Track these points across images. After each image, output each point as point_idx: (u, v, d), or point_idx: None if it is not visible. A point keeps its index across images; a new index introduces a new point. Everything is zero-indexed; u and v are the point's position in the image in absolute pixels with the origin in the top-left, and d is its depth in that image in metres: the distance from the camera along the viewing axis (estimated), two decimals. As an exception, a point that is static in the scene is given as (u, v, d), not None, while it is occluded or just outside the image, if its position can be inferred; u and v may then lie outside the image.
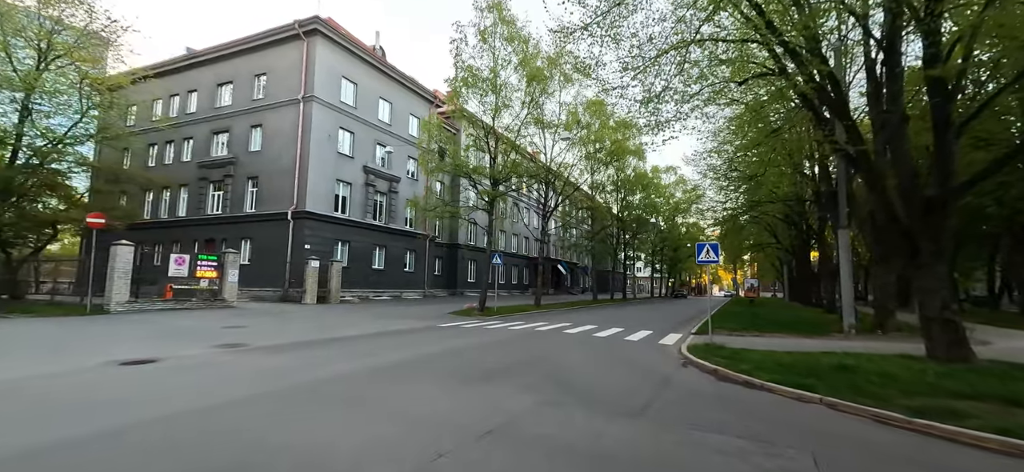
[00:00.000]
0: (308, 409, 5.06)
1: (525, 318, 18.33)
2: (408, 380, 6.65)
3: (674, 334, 13.99)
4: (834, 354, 9.67)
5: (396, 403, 5.43)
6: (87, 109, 22.47)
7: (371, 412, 5.03)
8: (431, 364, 7.98)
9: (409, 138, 30.52)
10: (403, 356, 8.74)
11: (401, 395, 5.81)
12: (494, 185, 20.87)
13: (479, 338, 11.94)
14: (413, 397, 5.74)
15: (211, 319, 14.15)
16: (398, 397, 5.71)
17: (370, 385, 6.29)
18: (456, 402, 5.56)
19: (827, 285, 26.28)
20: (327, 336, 11.40)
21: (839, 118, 8.80)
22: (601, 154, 34.54)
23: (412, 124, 31.30)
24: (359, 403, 5.40)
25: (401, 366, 7.70)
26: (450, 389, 6.17)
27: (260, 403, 5.28)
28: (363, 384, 6.35)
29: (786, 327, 15.45)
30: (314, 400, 5.45)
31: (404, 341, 10.97)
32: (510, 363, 8.29)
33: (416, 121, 30.82)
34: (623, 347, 11.04)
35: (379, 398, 5.60)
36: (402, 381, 6.58)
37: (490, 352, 9.63)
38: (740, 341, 12.00)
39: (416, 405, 5.38)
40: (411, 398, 5.69)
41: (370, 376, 6.85)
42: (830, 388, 6.61)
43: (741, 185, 23.79)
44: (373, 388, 6.12)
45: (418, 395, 5.84)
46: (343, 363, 7.85)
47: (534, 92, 21.34)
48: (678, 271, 74.43)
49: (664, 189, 50.64)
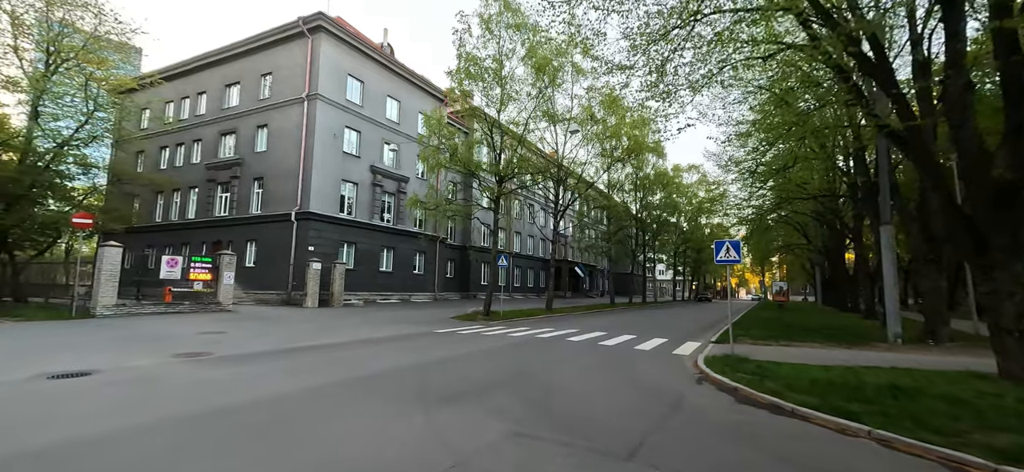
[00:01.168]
0: (209, 444, 4.03)
1: (531, 323, 17.15)
2: (361, 401, 5.59)
3: (691, 343, 12.59)
4: (880, 370, 8.20)
5: (326, 435, 4.36)
6: (93, 112, 22.41)
7: (284, 451, 3.97)
8: (401, 379, 6.91)
9: (428, 143, 29.65)
10: (374, 368, 7.70)
11: (339, 424, 4.74)
12: (499, 182, 19.77)
13: (473, 346, 10.84)
14: (351, 427, 4.66)
15: (195, 324, 13.45)
16: (334, 427, 4.64)
17: (310, 408, 5.24)
18: (402, 433, 4.46)
19: (865, 289, 24.25)
20: (307, 343, 10.48)
21: (884, 89, 7.38)
22: (618, 152, 33.12)
23: (421, 123, 30.47)
24: (279, 437, 4.34)
25: (363, 382, 6.64)
26: (404, 414, 5.07)
27: (161, 433, 4.29)
28: (303, 407, 5.30)
29: (819, 335, 13.85)
30: (229, 430, 4.44)
31: (387, 350, 9.95)
32: (493, 378, 7.15)
33: (437, 128, 30.03)
34: (630, 358, 9.76)
35: (308, 429, 4.54)
36: (352, 403, 5.52)
37: (477, 364, 8.51)
38: (767, 352, 10.56)
39: (348, 439, 4.30)
40: (349, 428, 4.61)
41: (317, 396, 5.81)
42: (881, 417, 5.26)
43: (767, 180, 22.05)
44: (310, 413, 5.06)
45: (359, 424, 4.76)
46: (299, 378, 6.85)
47: (542, 84, 20.18)
48: (702, 274, 71.85)
49: (686, 188, 48.68)
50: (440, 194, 21.42)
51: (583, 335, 13.48)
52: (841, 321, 20.65)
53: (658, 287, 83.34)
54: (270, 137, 25.64)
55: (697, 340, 13.17)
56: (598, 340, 12.42)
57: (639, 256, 44.93)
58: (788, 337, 13.34)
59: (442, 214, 20.43)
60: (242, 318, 15.50)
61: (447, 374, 7.38)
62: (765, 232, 35.43)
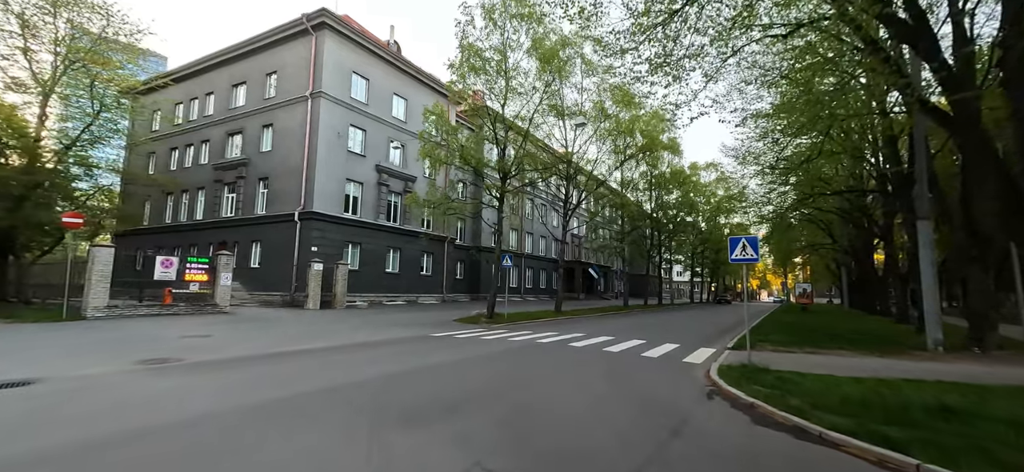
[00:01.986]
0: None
1: (536, 327, 16.28)
2: (306, 421, 4.83)
3: (705, 349, 11.57)
4: (923, 384, 7.13)
5: (236, 470, 3.60)
6: (98, 112, 22.37)
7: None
8: (366, 393, 6.15)
9: (429, 139, 29.05)
10: (342, 379, 6.96)
11: (263, 454, 3.98)
12: (503, 179, 18.96)
13: (466, 352, 10.04)
14: (276, 457, 3.89)
15: (184, 326, 12.96)
16: (254, 458, 3.88)
17: (241, 432, 4.51)
18: (332, 469, 3.68)
19: (896, 290, 22.71)
20: (290, 348, 9.83)
21: (926, 58, 6.34)
22: (631, 149, 31.99)
23: (434, 126, 29.84)
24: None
25: (323, 396, 5.89)
26: (349, 440, 4.29)
27: (37, 465, 3.60)
28: (233, 430, 4.57)
29: (848, 342, 12.65)
30: (123, 460, 3.72)
31: (369, 356, 9.22)
32: (471, 392, 6.34)
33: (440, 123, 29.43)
34: (635, 367, 8.82)
35: (219, 461, 3.79)
36: (294, 424, 4.76)
37: (460, 374, 7.71)
38: (789, 360, 9.50)
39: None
40: (271, 460, 3.84)
41: (259, 415, 5.07)
42: (933, 447, 4.28)
43: (789, 176, 20.77)
44: (238, 438, 4.32)
45: (286, 453, 3.99)
46: (254, 391, 6.16)
47: (548, 77, 19.33)
48: (721, 275, 69.79)
49: (704, 187, 47.12)
50: (442, 191, 20.56)
51: (588, 340, 12.56)
52: (870, 325, 19.24)
53: (676, 289, 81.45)
54: (275, 136, 25.33)
55: (711, 346, 12.13)
56: (603, 346, 11.49)
57: (654, 257, 43.56)
58: (813, 343, 12.19)
59: (444, 212, 19.66)
60: (236, 320, 15.01)
61: (420, 387, 6.58)
62: (787, 231, 33.84)
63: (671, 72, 9.82)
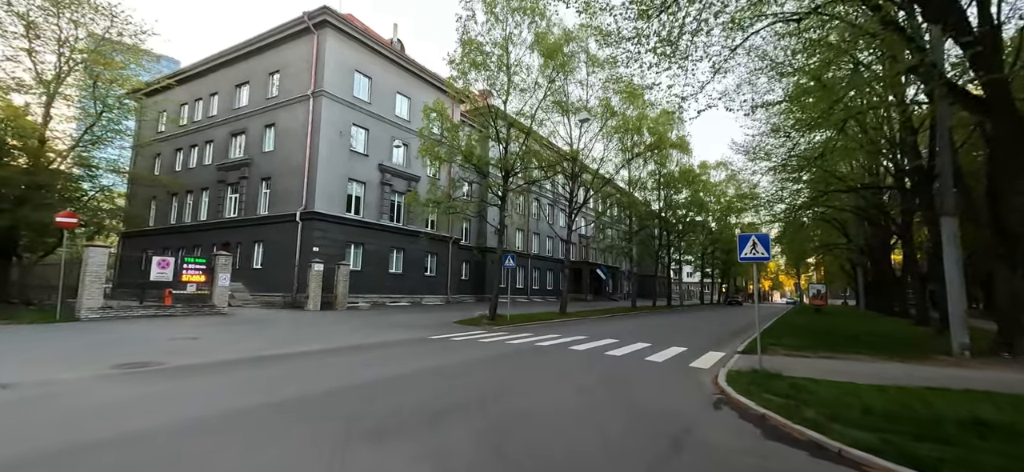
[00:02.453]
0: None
1: (538, 328, 15.81)
2: (266, 435, 4.42)
3: (714, 352, 11.01)
4: (951, 393, 6.55)
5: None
6: (101, 113, 22.35)
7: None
8: (341, 402, 5.74)
9: (429, 136, 28.75)
10: (319, 387, 6.55)
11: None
12: (505, 177, 18.51)
13: (462, 355, 9.61)
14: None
15: (175, 328, 12.69)
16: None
17: (191, 449, 4.11)
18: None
19: (916, 291, 21.88)
20: (279, 351, 9.47)
21: (957, 33, 5.78)
22: (639, 147, 31.36)
23: (436, 124, 29.51)
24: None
25: (294, 406, 5.49)
26: (312, 457, 3.87)
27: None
28: (182, 447, 4.17)
29: (866, 345, 12.01)
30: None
31: (357, 360, 8.83)
32: (456, 401, 5.89)
33: (441, 121, 29.11)
34: (637, 372, 8.32)
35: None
36: (252, 439, 4.35)
37: (453, 379, 7.28)
38: (803, 366, 8.93)
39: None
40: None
41: (213, 429, 4.68)
42: (969, 469, 3.76)
43: (802, 171, 20.05)
44: (184, 457, 3.92)
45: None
46: (223, 399, 5.78)
47: (552, 72, 18.86)
48: (732, 275, 68.64)
49: (714, 186, 46.26)
50: (444, 190, 20.13)
51: (591, 343, 12.06)
52: (888, 328, 18.47)
53: (685, 290, 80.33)
54: (277, 136, 25.16)
55: (720, 350, 11.56)
56: (606, 349, 10.98)
57: (663, 257, 42.80)
58: (828, 347, 11.58)
59: (445, 211, 19.24)
60: (231, 322, 14.72)
61: (405, 394, 6.15)
62: (800, 231, 32.97)
63: (676, 61, 9.32)
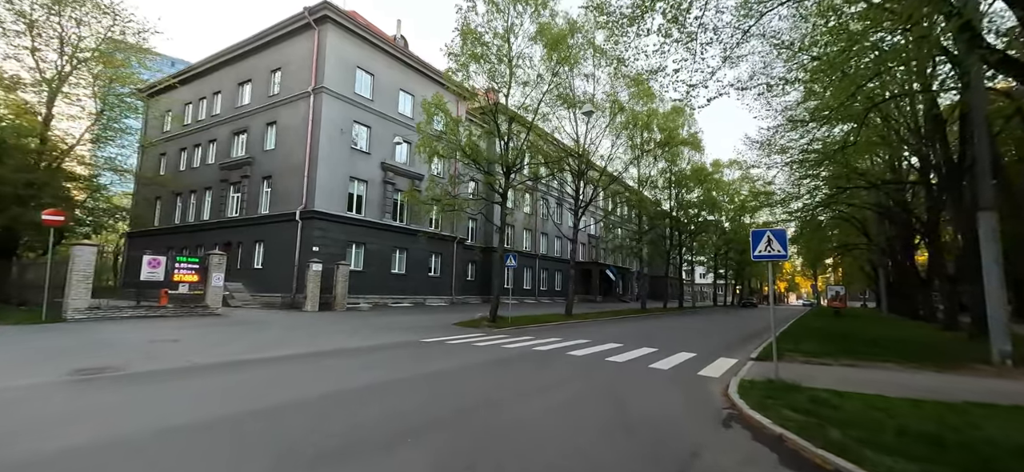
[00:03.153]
0: None
1: (539, 331, 15.08)
2: (196, 461, 3.78)
3: (725, 359, 10.18)
4: (997, 409, 5.72)
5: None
6: (100, 112, 22.20)
7: None
8: (306, 417, 5.09)
9: (433, 133, 28.19)
10: (295, 394, 5.93)
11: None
12: (507, 173, 17.82)
13: (451, 361, 8.95)
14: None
15: (162, 329, 12.23)
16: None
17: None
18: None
19: (942, 293, 20.66)
20: (259, 356, 8.91)
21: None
22: (649, 145, 30.45)
23: (436, 119, 28.95)
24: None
25: (247, 419, 4.87)
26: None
27: None
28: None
29: (893, 352, 11.06)
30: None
31: (342, 365, 8.22)
32: (439, 411, 5.22)
33: (447, 120, 28.54)
34: (639, 381, 7.56)
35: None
36: (180, 466, 3.72)
37: (436, 388, 6.61)
38: (824, 375, 8.09)
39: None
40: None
41: (144, 449, 4.06)
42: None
43: (820, 167, 19.05)
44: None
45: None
46: (173, 412, 5.19)
47: (555, 65, 18.12)
48: (746, 277, 67.02)
49: (727, 185, 45.02)
50: (444, 187, 19.45)
51: (593, 347, 11.31)
52: (914, 332, 17.36)
53: (698, 291, 78.77)
54: (278, 134, 24.81)
55: (732, 355, 10.72)
56: (607, 354, 10.22)
57: (674, 258, 41.72)
58: (851, 353, 10.67)
59: (443, 209, 18.58)
60: (221, 323, 14.24)
61: (374, 407, 5.49)
62: (817, 230, 31.73)
63: (682, 41, 8.56)
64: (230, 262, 25.34)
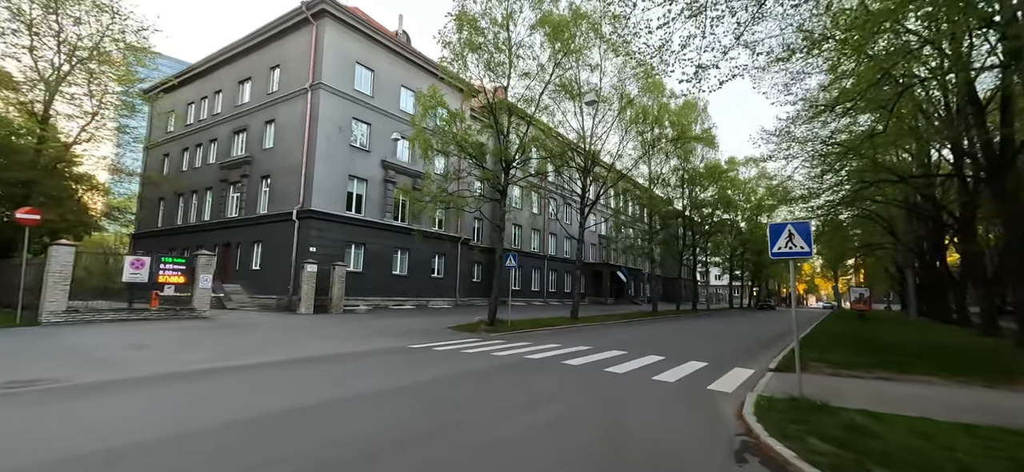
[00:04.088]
0: None
1: (539, 336, 14.11)
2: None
3: (740, 369, 9.11)
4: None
5: None
6: (96, 112, 21.88)
7: None
8: (235, 441, 4.24)
9: (427, 127, 27.39)
10: (241, 413, 5.09)
11: None
12: (506, 169, 16.90)
13: (430, 371, 8.07)
14: None
15: (134, 334, 11.57)
16: None
17: None
18: None
19: (979, 295, 19.14)
20: (227, 364, 8.15)
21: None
22: (661, 141, 29.28)
23: (432, 113, 28.12)
24: None
25: (163, 445, 4.02)
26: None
27: None
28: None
29: (931, 361, 9.85)
30: None
31: (311, 375, 7.40)
32: (396, 435, 4.34)
33: (444, 113, 27.71)
34: (640, 397, 6.56)
35: None
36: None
37: (402, 404, 5.72)
38: (857, 390, 6.99)
39: None
40: None
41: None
42: None
43: (844, 160, 17.74)
44: None
45: None
46: (83, 437, 4.37)
47: (558, 55, 17.17)
48: (763, 278, 65.04)
49: (743, 184, 43.47)
50: (440, 183, 18.54)
51: (592, 355, 10.31)
52: (949, 339, 15.96)
53: (714, 293, 76.82)
54: (277, 132, 24.26)
55: (748, 365, 9.63)
56: (608, 363, 9.21)
57: (687, 258, 40.34)
58: (884, 363, 9.49)
59: (436, 206, 17.68)
60: (203, 327, 13.56)
61: (322, 429, 4.60)
62: (838, 229, 30.17)
63: (688, 8, 7.56)
64: (229, 264, 24.96)
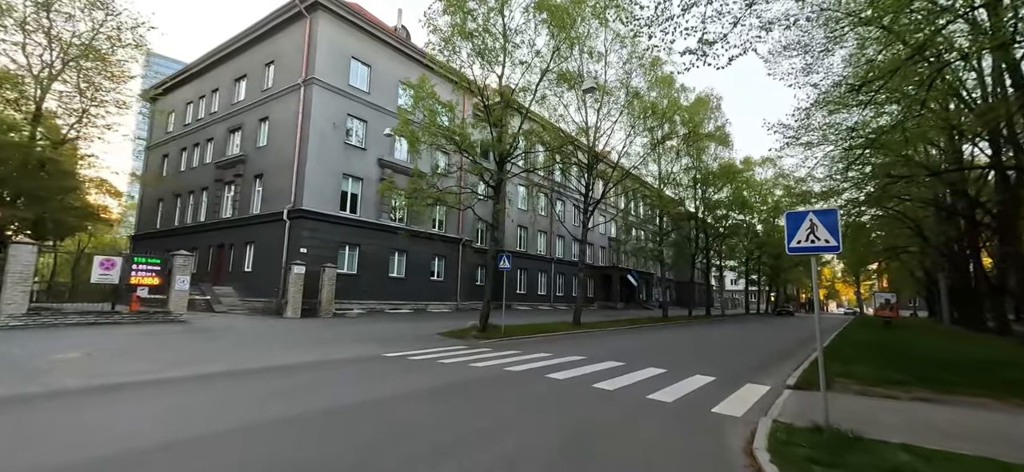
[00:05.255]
0: None
1: (531, 344, 12.95)
2: None
3: (753, 386, 7.85)
4: None
5: None
6: (85, 110, 21.42)
7: None
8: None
9: (416, 120, 26.44)
10: (116, 446, 4.07)
11: None
12: (500, 163, 15.82)
13: (391, 387, 7.02)
14: None
15: (94, 339, 10.74)
16: None
17: None
18: None
19: (1018, 301, 17.44)
20: (161, 376, 7.19)
21: None
22: (671, 139, 27.91)
23: (429, 107, 27.14)
24: None
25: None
26: None
27: None
28: None
29: (977, 378, 8.44)
30: None
31: (248, 393, 6.38)
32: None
33: (435, 105, 26.70)
34: (625, 424, 5.38)
35: None
36: None
37: (327, 433, 4.63)
38: (895, 416, 5.72)
39: None
40: None
41: None
42: None
43: (867, 153, 16.26)
44: None
45: None
46: None
47: (556, 41, 16.04)
48: (781, 282, 62.74)
49: (759, 185, 41.68)
50: (429, 178, 17.40)
51: (585, 367, 9.12)
52: (990, 350, 14.36)
53: (729, 298, 74.61)
54: (271, 130, 23.55)
55: (763, 381, 8.35)
56: (600, 378, 8.02)
57: (700, 262, 38.71)
58: (922, 380, 8.12)
59: (423, 203, 16.60)
60: (168, 333, 12.66)
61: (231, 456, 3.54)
62: (861, 231, 28.43)
63: None
64: (223, 266, 24.30)
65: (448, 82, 16.27)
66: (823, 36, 13.03)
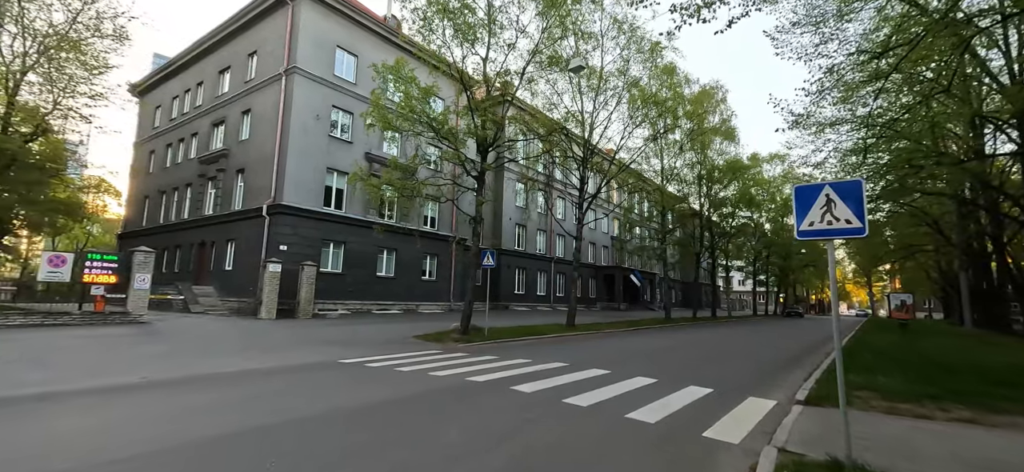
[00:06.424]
0: None
1: (511, 350, 11.79)
2: None
3: (756, 400, 6.62)
4: None
5: None
6: (57, 102, 20.56)
7: None
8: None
9: (389, 104, 25.34)
10: None
11: None
12: (483, 152, 14.69)
13: (324, 403, 5.91)
14: None
15: (22, 345, 9.73)
16: None
17: None
18: None
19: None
20: (58, 389, 6.12)
21: None
22: (675, 132, 26.62)
23: (435, 106, 26.07)
24: None
25: None
26: None
27: None
28: None
29: (1015, 388, 7.13)
30: None
31: (156, 412, 5.28)
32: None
33: (439, 103, 25.55)
34: (590, 455, 4.20)
35: None
36: None
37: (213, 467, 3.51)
38: (934, 443, 4.48)
39: None
40: None
41: None
42: None
43: (881, 145, 14.95)
44: None
45: None
46: None
47: (546, 22, 14.89)
48: (790, 283, 60.93)
49: (768, 182, 40.16)
50: (409, 162, 16.22)
51: (564, 376, 7.94)
52: (1018, 355, 12.99)
53: (736, 299, 72.88)
54: (252, 123, 22.59)
55: (768, 394, 7.12)
56: (576, 390, 6.83)
57: (705, 261, 37.27)
58: (959, 395, 6.80)
59: (408, 194, 15.45)
60: (113, 336, 11.64)
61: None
62: (874, 230, 26.91)
63: None
64: (205, 264, 23.34)
65: (427, 66, 15.14)
66: (835, 6, 11.80)
